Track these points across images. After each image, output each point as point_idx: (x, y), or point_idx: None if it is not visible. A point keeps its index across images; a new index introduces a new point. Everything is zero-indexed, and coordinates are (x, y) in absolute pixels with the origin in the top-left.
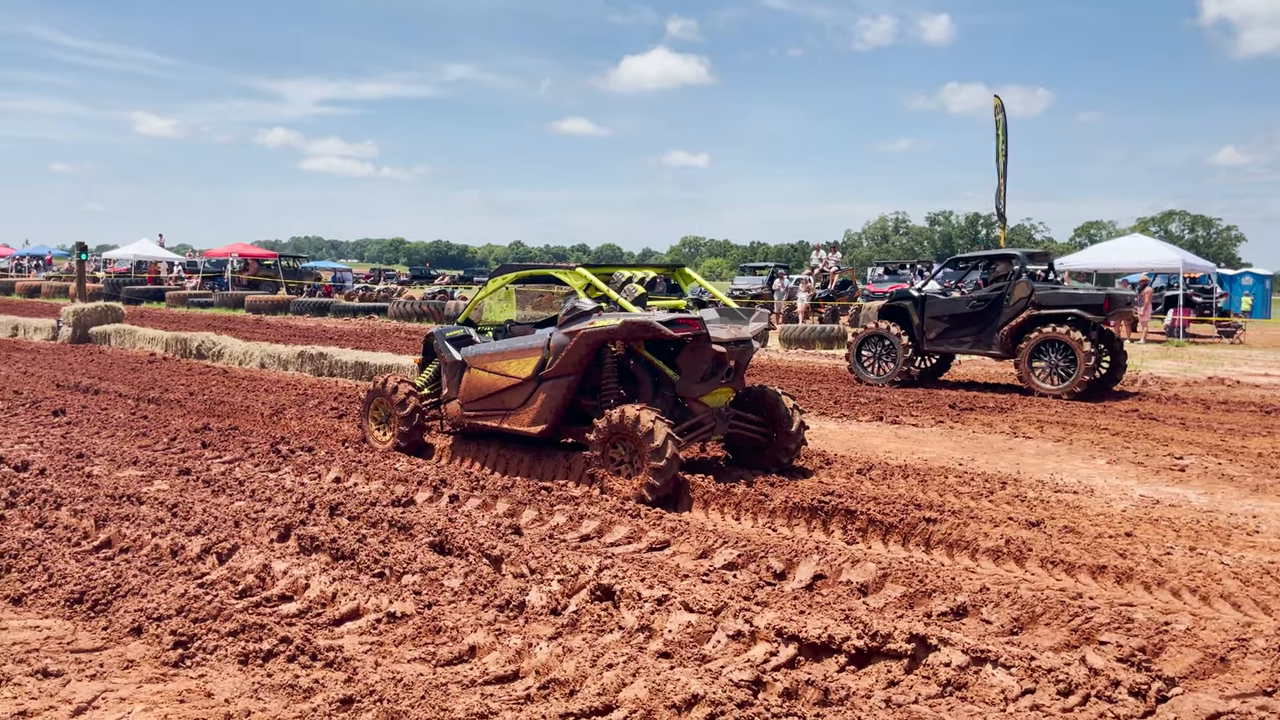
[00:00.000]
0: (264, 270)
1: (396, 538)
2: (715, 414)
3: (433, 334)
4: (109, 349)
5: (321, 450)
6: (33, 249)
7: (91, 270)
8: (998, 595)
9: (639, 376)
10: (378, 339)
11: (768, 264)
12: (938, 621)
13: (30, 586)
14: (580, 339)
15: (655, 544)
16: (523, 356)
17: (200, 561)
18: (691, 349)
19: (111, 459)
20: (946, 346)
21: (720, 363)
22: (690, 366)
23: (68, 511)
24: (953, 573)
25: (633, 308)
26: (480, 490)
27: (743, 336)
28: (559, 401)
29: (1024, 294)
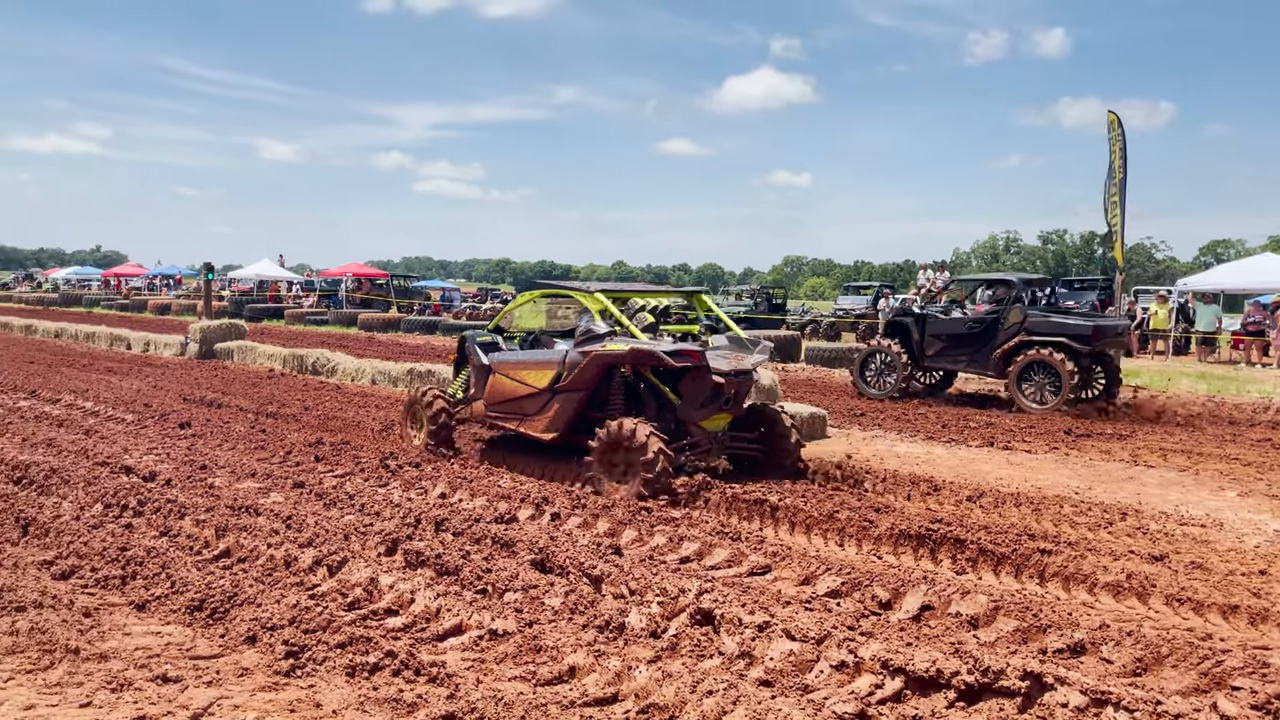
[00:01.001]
0: (376, 289)
1: (499, 554)
2: (712, 437)
3: (465, 336)
4: (231, 364)
5: (428, 466)
6: (164, 269)
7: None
8: (1119, 633)
9: (644, 398)
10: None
11: (872, 283)
12: (1054, 659)
13: (154, 593)
14: (591, 360)
15: (756, 568)
16: (541, 368)
17: (311, 573)
18: (692, 377)
19: (232, 471)
20: (944, 364)
21: (719, 391)
22: (691, 393)
23: (190, 521)
24: (1069, 608)
25: (641, 335)
26: (581, 509)
27: (743, 368)
28: (570, 413)
29: (1018, 319)
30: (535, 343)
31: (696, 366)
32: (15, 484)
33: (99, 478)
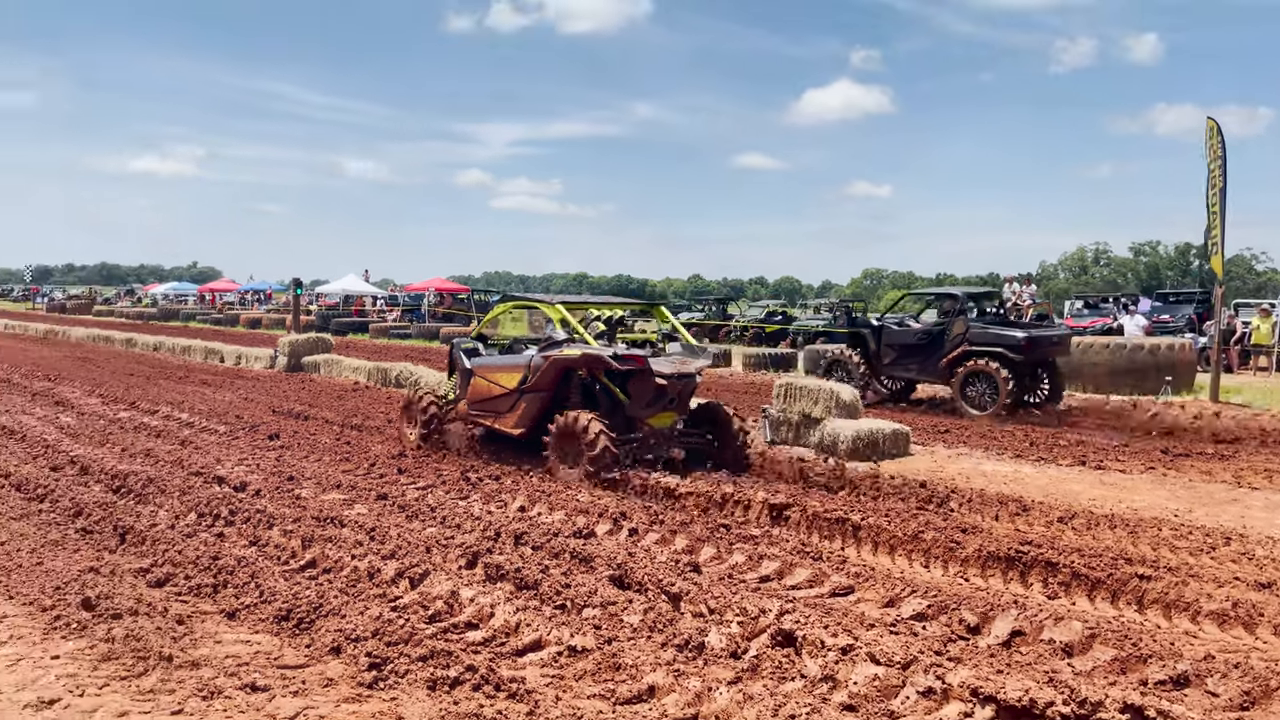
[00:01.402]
0: (457, 304)
1: (578, 570)
2: (659, 434)
3: (453, 343)
4: (318, 377)
5: (508, 479)
6: (255, 284)
7: (305, 304)
8: (1225, 665)
9: (598, 397)
10: None
11: None
12: (1155, 691)
13: (243, 602)
14: (551, 363)
15: (838, 589)
16: (511, 371)
17: (394, 585)
18: (638, 379)
19: (318, 482)
20: (898, 372)
21: (663, 392)
22: (637, 393)
23: (278, 531)
24: (1171, 637)
25: (594, 342)
26: (659, 525)
27: (685, 371)
28: (536, 410)
29: (961, 330)
30: (510, 349)
31: (641, 370)
32: (115, 493)
33: (193, 487)
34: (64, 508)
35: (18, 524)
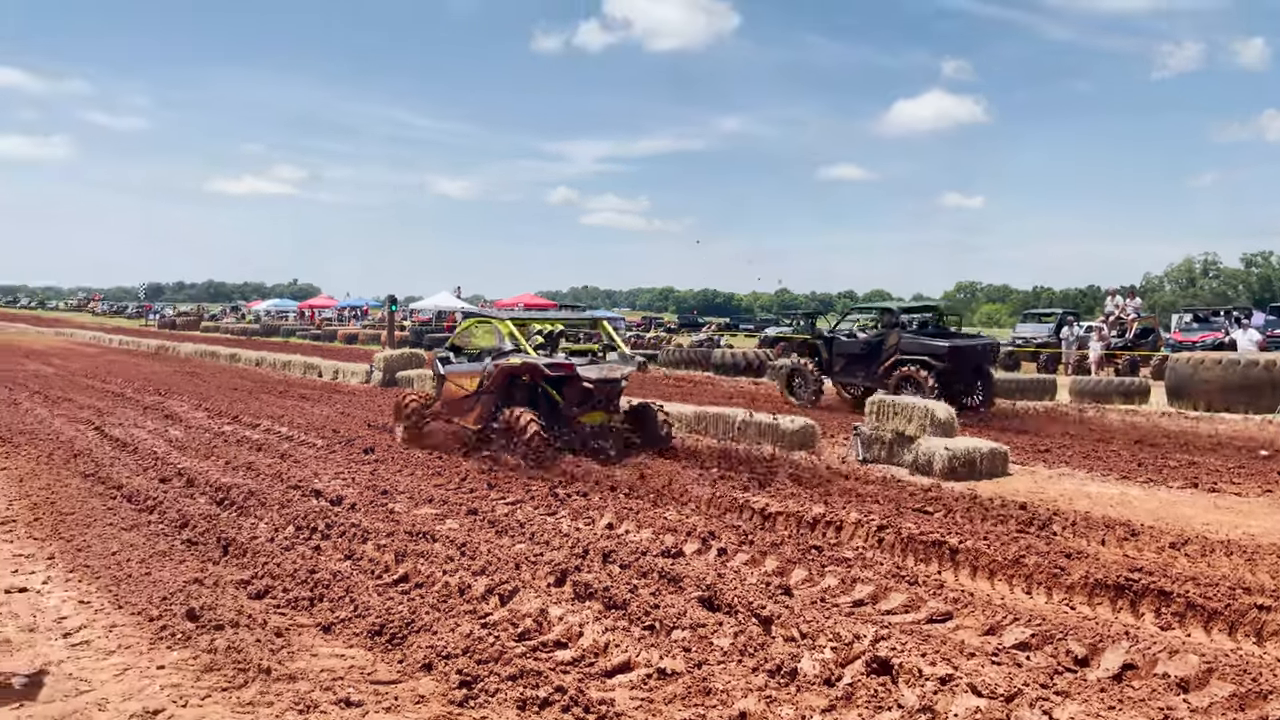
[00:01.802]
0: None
1: (666, 590)
2: (592, 430)
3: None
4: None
5: (595, 496)
6: (352, 301)
7: (400, 320)
8: None
9: (539, 398)
10: (648, 385)
11: (1054, 310)
12: None
13: (338, 616)
14: (499, 369)
15: (936, 615)
16: (471, 377)
17: (484, 601)
18: (570, 384)
19: (411, 496)
20: (845, 379)
21: (590, 394)
22: (569, 395)
23: (372, 545)
24: None
25: (533, 352)
26: (748, 545)
27: (610, 377)
28: (489, 409)
29: (895, 341)
30: (476, 358)
31: (570, 375)
32: (218, 505)
33: (291, 501)
34: (171, 519)
35: (128, 534)
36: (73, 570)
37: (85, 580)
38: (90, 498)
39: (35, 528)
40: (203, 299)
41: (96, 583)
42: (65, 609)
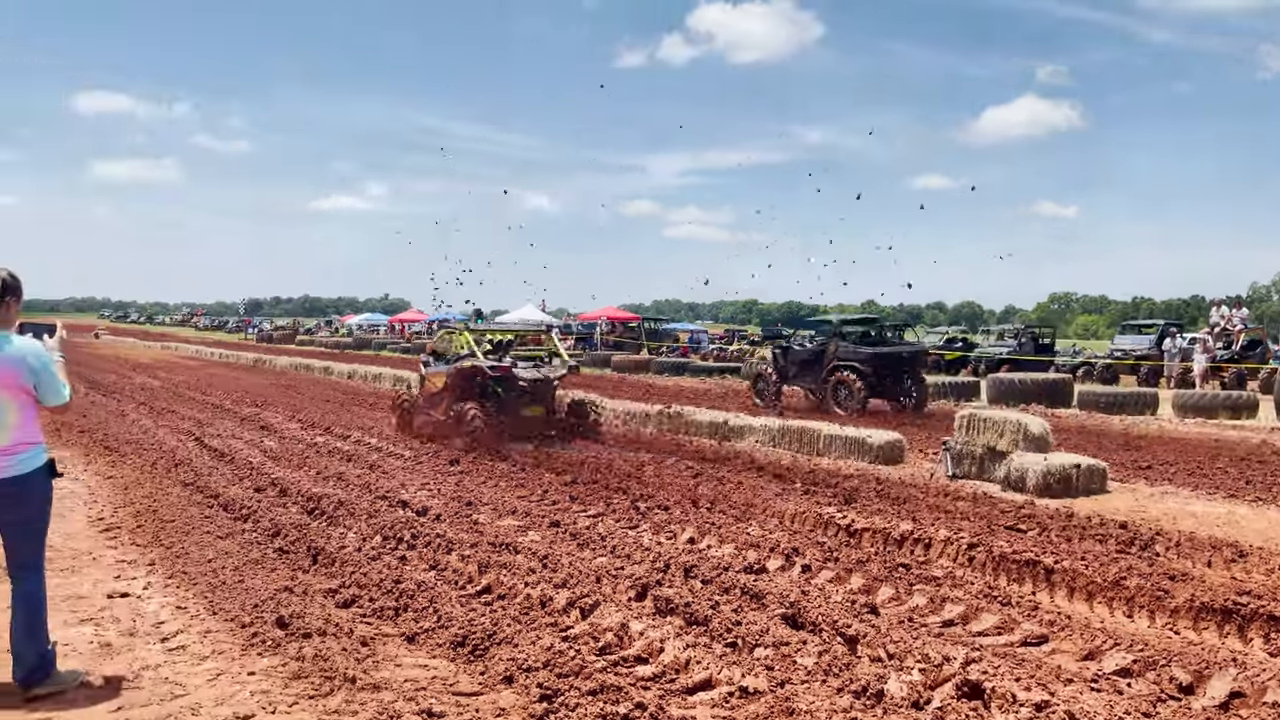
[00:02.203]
0: (628, 332)
1: (748, 606)
2: (531, 420)
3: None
4: None
5: (677, 510)
6: (441, 314)
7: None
8: None
9: (490, 394)
10: (730, 398)
11: (1155, 321)
12: None
13: (422, 626)
14: (456, 371)
15: (1030, 638)
16: (440, 376)
17: (565, 615)
18: (509, 383)
19: (494, 508)
20: (798, 383)
21: (524, 391)
22: (510, 392)
23: (456, 556)
24: None
25: (482, 357)
26: (833, 562)
27: (540, 377)
28: (450, 403)
29: (833, 350)
30: (448, 362)
31: (508, 375)
32: (309, 514)
33: (379, 511)
34: (264, 528)
35: (224, 542)
36: (171, 576)
37: (183, 586)
38: (189, 506)
39: (138, 534)
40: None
41: (193, 589)
42: (163, 614)
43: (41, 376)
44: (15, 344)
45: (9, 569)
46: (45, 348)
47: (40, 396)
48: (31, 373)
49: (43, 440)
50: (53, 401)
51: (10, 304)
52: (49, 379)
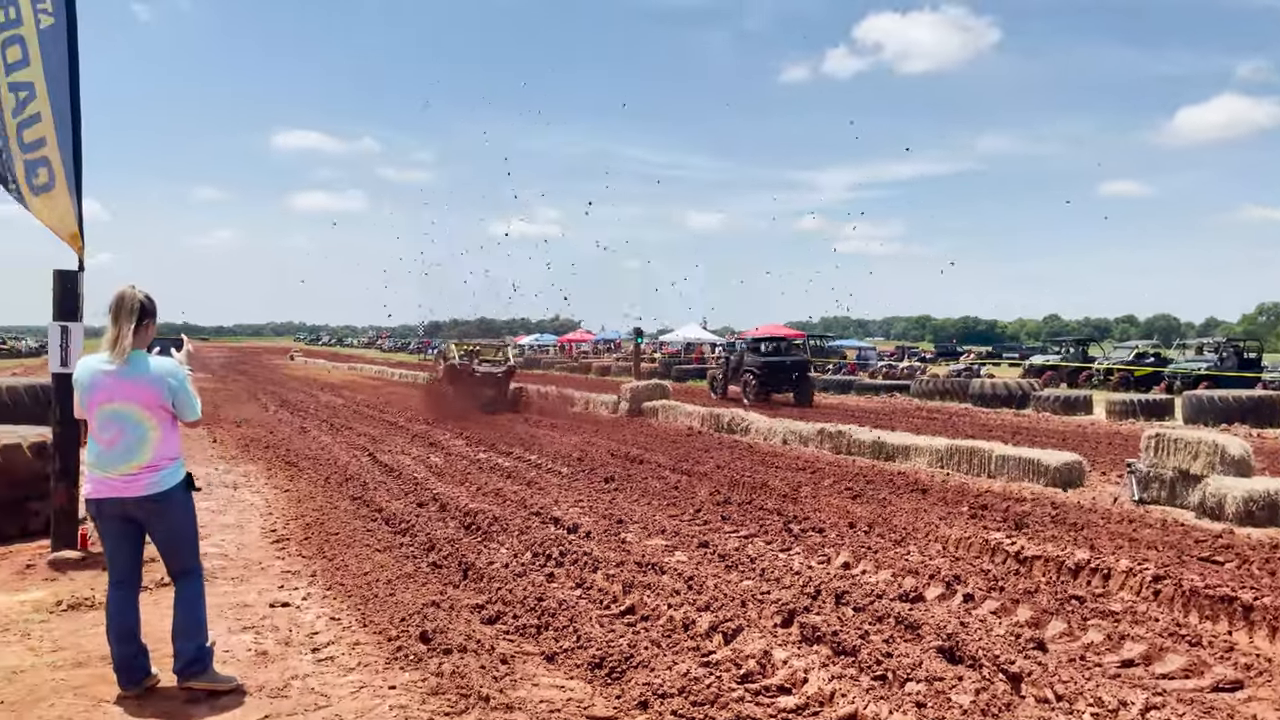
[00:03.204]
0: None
1: (901, 637)
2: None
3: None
4: (656, 422)
5: (832, 532)
6: (606, 334)
7: (650, 351)
8: None
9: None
10: (897, 417)
11: None
12: None
13: (562, 646)
14: (446, 366)
15: (1223, 683)
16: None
17: (707, 639)
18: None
19: (644, 526)
20: (733, 383)
21: (481, 381)
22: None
23: (602, 575)
24: None
25: (457, 359)
26: (998, 591)
27: (489, 372)
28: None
29: (741, 359)
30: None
31: (473, 371)
32: (466, 530)
33: (531, 527)
34: (420, 542)
35: (381, 555)
36: (330, 588)
37: (339, 598)
38: (354, 519)
39: (304, 546)
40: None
41: (348, 601)
42: (318, 625)
43: (179, 394)
44: (153, 363)
45: (170, 576)
46: (175, 361)
47: (178, 413)
48: (170, 391)
49: (181, 455)
50: (188, 417)
51: (148, 326)
52: (185, 396)
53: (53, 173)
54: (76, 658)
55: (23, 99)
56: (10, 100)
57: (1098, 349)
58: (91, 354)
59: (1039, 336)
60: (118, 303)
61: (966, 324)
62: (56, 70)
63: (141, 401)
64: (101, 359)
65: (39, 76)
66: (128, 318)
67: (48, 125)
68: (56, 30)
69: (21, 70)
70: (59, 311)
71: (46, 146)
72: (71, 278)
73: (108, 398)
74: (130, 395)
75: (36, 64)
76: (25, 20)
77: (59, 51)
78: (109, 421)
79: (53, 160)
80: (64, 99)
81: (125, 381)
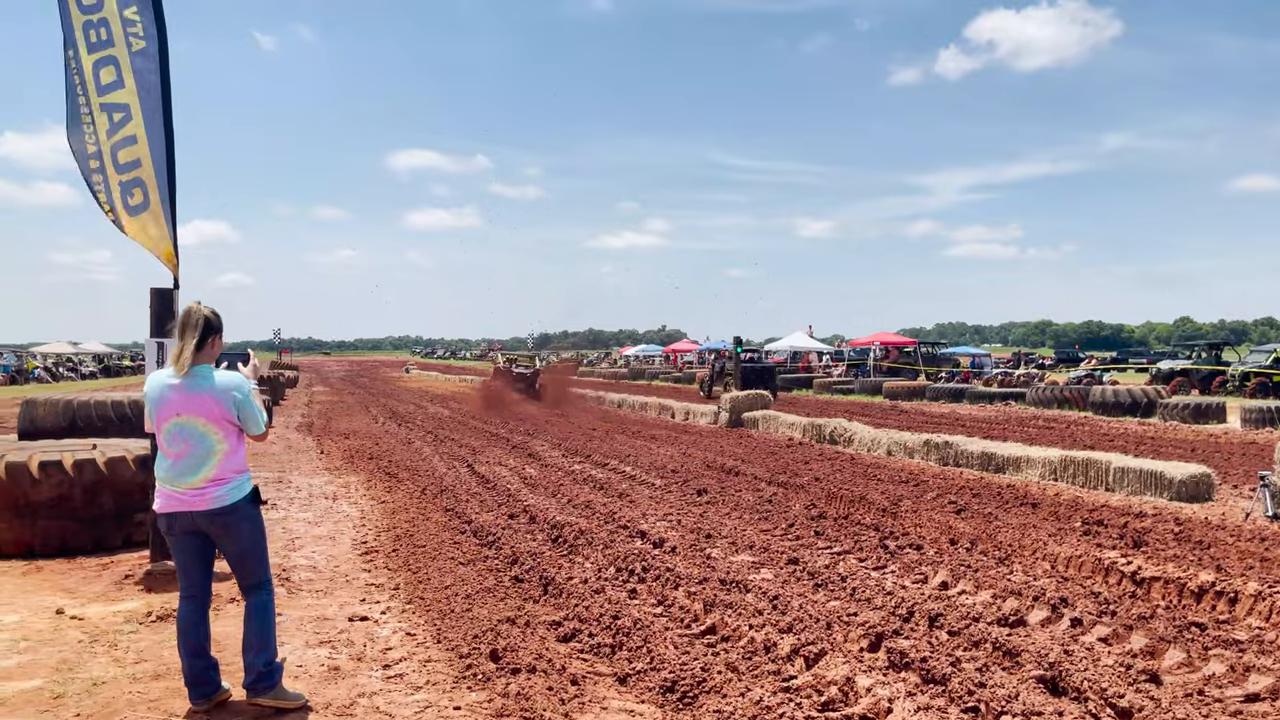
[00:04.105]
0: (903, 357)
1: (997, 665)
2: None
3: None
4: (755, 433)
5: (931, 549)
6: (711, 344)
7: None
8: None
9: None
10: (1010, 426)
11: None
12: None
13: (635, 667)
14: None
15: None
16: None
17: (788, 662)
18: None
19: (732, 542)
20: (717, 385)
21: (517, 378)
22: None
23: (683, 593)
24: None
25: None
26: (1110, 616)
27: (521, 373)
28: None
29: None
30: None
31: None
32: (552, 543)
33: (616, 541)
34: (505, 556)
35: (464, 569)
36: (410, 602)
37: (417, 612)
38: (444, 531)
39: (392, 558)
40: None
41: (425, 615)
42: (393, 640)
43: (244, 408)
44: (218, 378)
45: (240, 589)
46: (242, 375)
47: (245, 427)
48: (235, 404)
49: (248, 470)
50: (253, 431)
51: (215, 341)
52: (249, 409)
53: (147, 193)
54: (156, 670)
55: (118, 120)
56: (105, 122)
57: (1232, 353)
58: (161, 369)
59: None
60: (183, 318)
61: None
62: (150, 92)
63: (207, 415)
64: (168, 374)
65: (134, 98)
66: (191, 332)
67: (142, 147)
68: (149, 53)
69: (116, 92)
70: (156, 328)
71: (141, 168)
72: (168, 296)
73: (174, 412)
74: (196, 409)
75: (130, 86)
76: (117, 42)
77: (152, 73)
78: (176, 435)
79: (147, 181)
80: (157, 120)
81: (191, 396)
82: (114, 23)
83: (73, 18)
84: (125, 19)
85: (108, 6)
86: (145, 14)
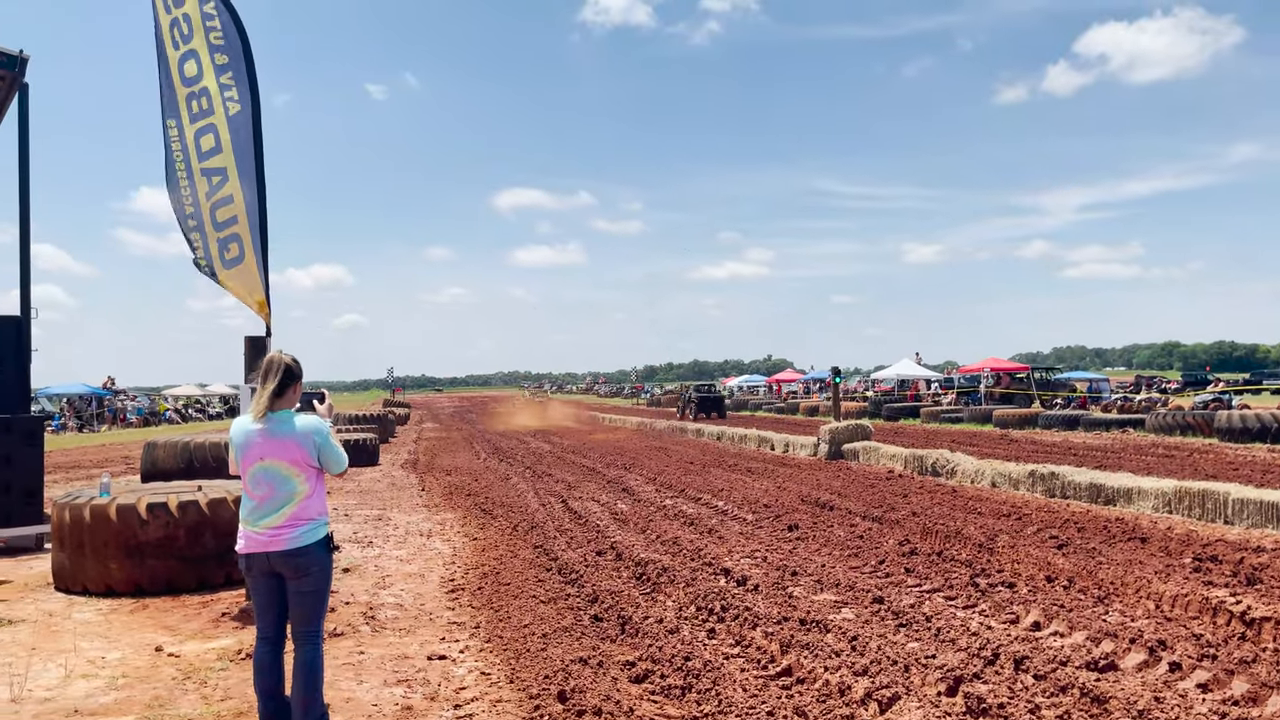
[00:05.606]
0: (1015, 383)
1: (1082, 711)
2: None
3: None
4: (855, 465)
5: (1024, 587)
6: (816, 373)
7: (861, 390)
8: None
9: None
10: (1126, 455)
11: None
12: None
13: (703, 710)
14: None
15: None
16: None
17: (862, 706)
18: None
19: (817, 579)
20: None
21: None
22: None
23: (761, 633)
24: None
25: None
26: (1211, 660)
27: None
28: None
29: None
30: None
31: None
32: (636, 579)
33: (698, 579)
34: (586, 594)
35: (544, 607)
36: (489, 640)
37: (494, 651)
38: (530, 568)
39: (476, 596)
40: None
41: (502, 655)
42: (468, 679)
43: (325, 450)
44: (298, 421)
45: (293, 634)
46: (319, 417)
47: (325, 467)
48: (315, 447)
49: (326, 514)
50: (334, 470)
51: (294, 387)
52: (329, 450)
53: (243, 247)
54: (239, 707)
55: (216, 183)
56: (204, 185)
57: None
58: (244, 415)
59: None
60: (266, 365)
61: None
62: (244, 151)
63: (290, 459)
64: (250, 418)
65: (230, 160)
66: (272, 378)
67: (238, 205)
68: (243, 115)
69: (215, 157)
70: (250, 374)
71: (237, 224)
72: (261, 343)
73: (259, 456)
74: (278, 453)
75: (228, 149)
76: (216, 109)
77: (246, 133)
78: (261, 479)
79: (242, 235)
80: (251, 176)
81: (273, 440)
82: (213, 92)
83: (176, 91)
84: (222, 84)
85: (206, 77)
86: (240, 79)
